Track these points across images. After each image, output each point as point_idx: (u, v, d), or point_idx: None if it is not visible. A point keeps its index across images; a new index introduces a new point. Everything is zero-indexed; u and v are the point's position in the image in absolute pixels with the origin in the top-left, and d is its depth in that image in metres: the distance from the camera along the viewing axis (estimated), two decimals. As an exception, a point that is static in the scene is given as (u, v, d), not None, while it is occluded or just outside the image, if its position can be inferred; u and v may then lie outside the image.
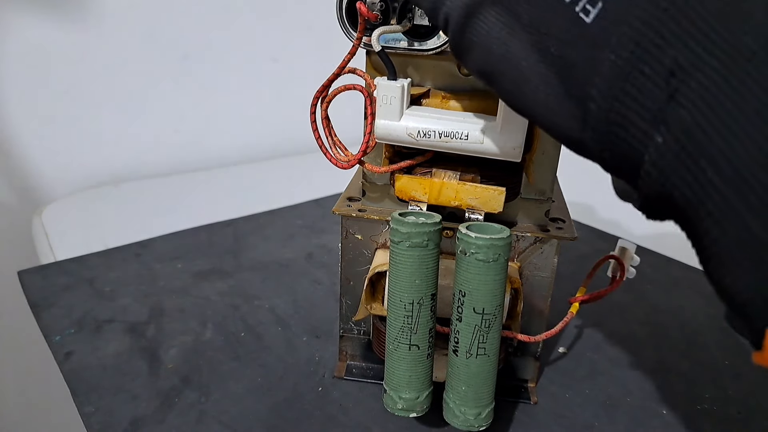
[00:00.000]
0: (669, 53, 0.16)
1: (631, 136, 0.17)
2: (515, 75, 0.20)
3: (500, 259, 0.25)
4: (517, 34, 0.19)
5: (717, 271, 0.16)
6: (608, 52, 0.17)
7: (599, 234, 0.58)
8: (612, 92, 0.17)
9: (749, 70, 0.15)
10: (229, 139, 0.79)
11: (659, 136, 0.16)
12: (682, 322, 0.44)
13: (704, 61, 0.16)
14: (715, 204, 0.16)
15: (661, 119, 0.16)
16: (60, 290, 0.44)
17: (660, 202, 0.18)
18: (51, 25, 0.62)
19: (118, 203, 0.63)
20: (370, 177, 0.32)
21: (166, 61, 0.70)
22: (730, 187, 0.15)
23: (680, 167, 0.16)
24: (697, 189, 0.16)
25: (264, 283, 0.46)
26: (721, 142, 0.15)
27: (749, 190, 0.15)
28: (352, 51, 0.28)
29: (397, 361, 0.28)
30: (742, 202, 0.15)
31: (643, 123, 0.17)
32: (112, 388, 0.34)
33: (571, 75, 0.18)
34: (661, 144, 0.16)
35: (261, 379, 0.35)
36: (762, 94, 0.15)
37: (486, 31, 0.20)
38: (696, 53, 0.16)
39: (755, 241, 0.15)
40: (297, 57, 0.79)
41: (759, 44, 0.15)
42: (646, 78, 0.16)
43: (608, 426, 0.33)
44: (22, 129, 0.63)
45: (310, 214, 0.60)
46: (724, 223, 0.15)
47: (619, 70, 0.17)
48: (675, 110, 0.16)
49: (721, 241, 0.16)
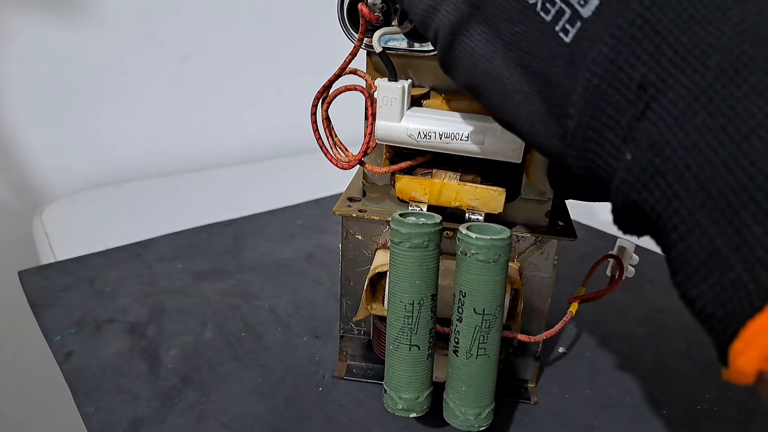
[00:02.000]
0: (640, 70, 0.16)
1: (605, 153, 0.17)
2: (499, 91, 0.20)
3: (500, 259, 0.25)
4: (500, 51, 0.20)
5: (683, 285, 0.16)
6: (584, 70, 0.17)
7: (599, 234, 0.58)
8: (588, 110, 0.17)
9: (717, 87, 0.15)
10: (229, 139, 0.79)
11: (629, 153, 0.17)
12: (682, 322, 0.44)
13: (674, 77, 0.16)
14: (681, 218, 0.16)
15: (631, 136, 0.17)
16: (60, 290, 0.44)
17: (631, 217, 0.18)
18: (51, 25, 0.62)
19: (118, 203, 0.63)
20: (370, 177, 0.33)
21: (166, 61, 0.70)
22: (695, 201, 0.15)
23: (648, 182, 0.16)
24: (664, 204, 0.16)
25: (264, 283, 0.46)
26: (687, 158, 0.15)
27: (714, 205, 0.15)
28: (353, 52, 0.28)
29: (398, 362, 0.28)
30: (707, 218, 0.15)
31: (615, 139, 0.17)
32: (113, 388, 0.34)
33: (552, 93, 0.18)
34: (630, 161, 0.17)
35: (261, 379, 0.35)
36: (728, 111, 0.15)
37: (471, 48, 0.20)
38: (666, 70, 0.16)
39: (718, 256, 0.15)
40: (297, 57, 0.79)
41: (727, 62, 0.15)
42: (619, 94, 0.17)
43: (608, 426, 0.33)
44: (22, 129, 0.63)
45: (310, 214, 0.60)
46: (690, 238, 0.16)
47: (594, 88, 0.17)
48: (645, 126, 0.16)
49: (687, 255, 0.16)
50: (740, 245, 0.14)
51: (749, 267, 0.14)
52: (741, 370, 0.15)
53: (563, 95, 0.18)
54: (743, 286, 0.14)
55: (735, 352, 0.15)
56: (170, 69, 0.71)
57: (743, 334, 0.14)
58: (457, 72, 0.22)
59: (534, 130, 0.20)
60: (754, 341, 0.14)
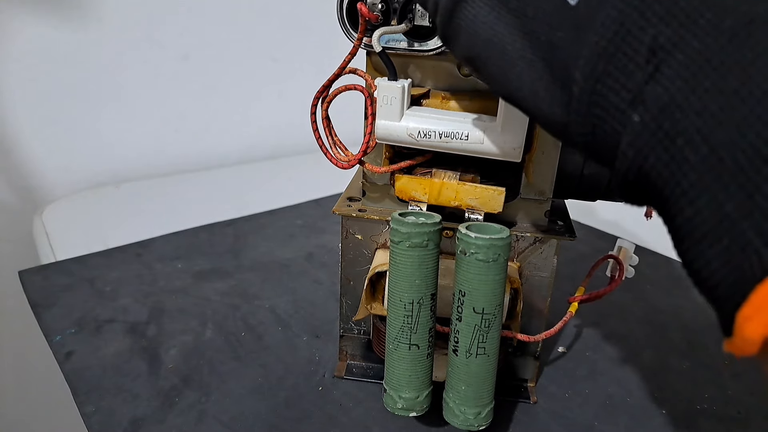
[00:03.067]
0: (650, 33, 0.16)
1: (611, 117, 0.17)
2: (501, 60, 0.20)
3: (500, 259, 0.25)
4: (503, 18, 0.19)
5: (689, 253, 0.16)
6: (592, 34, 0.17)
7: (599, 234, 0.58)
8: (594, 74, 0.17)
9: (730, 50, 0.15)
10: (229, 139, 0.79)
11: (636, 116, 0.16)
12: (682, 322, 0.44)
13: (685, 40, 0.15)
14: (690, 183, 0.15)
15: (640, 99, 0.16)
16: (60, 290, 0.44)
17: (636, 183, 0.17)
18: (51, 25, 0.62)
19: (119, 203, 0.63)
20: (370, 177, 0.33)
21: (166, 61, 0.70)
22: (705, 166, 0.15)
23: (656, 146, 0.16)
24: (672, 168, 0.16)
25: (264, 283, 0.46)
26: (698, 121, 0.15)
27: (724, 169, 0.15)
28: (353, 51, 0.28)
29: (397, 361, 0.28)
30: (717, 182, 0.15)
31: (622, 103, 0.17)
32: (113, 388, 0.34)
33: (556, 59, 0.18)
34: (637, 123, 0.16)
35: (261, 379, 0.35)
36: (741, 74, 0.15)
37: (473, 15, 0.20)
38: (678, 33, 0.15)
39: (728, 222, 0.15)
40: (297, 57, 0.79)
41: (740, 25, 0.15)
42: (627, 58, 0.16)
43: (608, 426, 0.33)
44: (22, 129, 0.63)
45: (310, 214, 0.60)
46: (698, 203, 0.15)
47: (602, 51, 0.17)
48: (654, 89, 0.16)
49: (695, 220, 0.15)
50: (752, 210, 0.14)
51: (761, 231, 0.14)
52: (747, 336, 0.14)
53: (568, 61, 0.18)
54: (754, 251, 0.14)
55: (742, 317, 0.14)
56: (170, 69, 0.71)
57: (752, 299, 0.14)
58: (458, 43, 0.21)
59: (537, 99, 0.19)
60: (763, 305, 0.14)
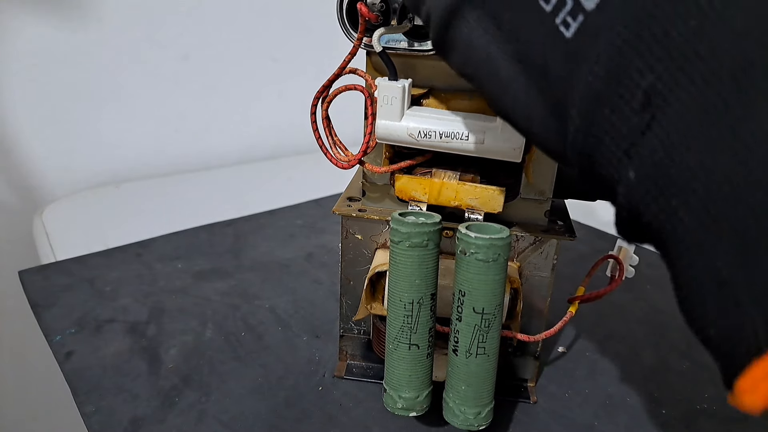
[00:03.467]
0: (647, 78, 0.15)
1: (607, 163, 0.16)
2: (495, 81, 0.19)
3: (500, 259, 0.25)
4: (496, 41, 0.18)
5: (686, 302, 0.16)
6: (586, 70, 0.16)
7: (599, 234, 0.58)
8: (590, 116, 0.16)
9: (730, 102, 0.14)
10: (229, 139, 0.79)
11: (632, 171, 0.16)
12: (682, 322, 0.43)
13: (681, 86, 0.14)
14: (686, 246, 0.15)
15: (635, 150, 0.15)
16: (60, 290, 0.44)
17: (635, 230, 0.17)
18: (51, 25, 0.62)
19: (119, 203, 0.63)
20: (370, 177, 0.33)
21: (166, 61, 0.70)
22: (702, 231, 0.14)
23: (651, 203, 0.15)
24: (668, 227, 0.15)
25: (264, 283, 0.46)
26: (694, 182, 0.14)
27: (724, 236, 0.14)
28: (353, 51, 0.28)
29: (397, 361, 0.28)
30: (714, 249, 0.14)
31: (618, 151, 0.16)
32: (113, 388, 0.34)
33: (551, 89, 0.17)
34: (632, 179, 0.16)
35: (261, 379, 0.35)
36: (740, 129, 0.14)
37: (466, 34, 0.19)
38: (674, 77, 0.14)
39: (728, 290, 0.14)
40: (297, 57, 0.79)
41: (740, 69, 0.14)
42: (623, 102, 0.15)
43: (608, 426, 0.33)
44: (22, 129, 0.63)
45: (310, 214, 0.60)
46: (696, 266, 0.15)
47: (596, 92, 0.16)
48: (649, 142, 0.15)
49: (693, 284, 0.15)
50: (752, 282, 0.14)
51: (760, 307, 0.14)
52: (747, 406, 0.14)
53: (564, 94, 0.17)
54: (752, 326, 0.14)
55: (740, 390, 0.14)
56: (170, 69, 0.71)
57: (750, 373, 0.14)
58: (452, 56, 0.20)
59: (532, 125, 0.19)
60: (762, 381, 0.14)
